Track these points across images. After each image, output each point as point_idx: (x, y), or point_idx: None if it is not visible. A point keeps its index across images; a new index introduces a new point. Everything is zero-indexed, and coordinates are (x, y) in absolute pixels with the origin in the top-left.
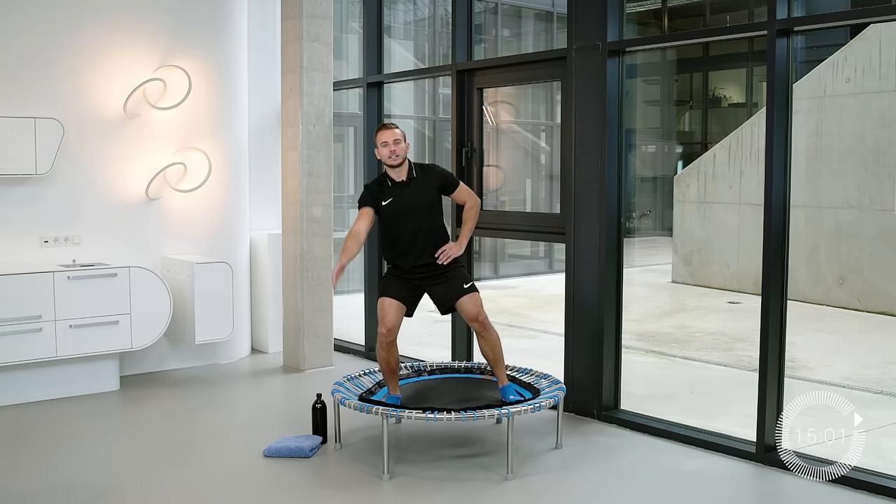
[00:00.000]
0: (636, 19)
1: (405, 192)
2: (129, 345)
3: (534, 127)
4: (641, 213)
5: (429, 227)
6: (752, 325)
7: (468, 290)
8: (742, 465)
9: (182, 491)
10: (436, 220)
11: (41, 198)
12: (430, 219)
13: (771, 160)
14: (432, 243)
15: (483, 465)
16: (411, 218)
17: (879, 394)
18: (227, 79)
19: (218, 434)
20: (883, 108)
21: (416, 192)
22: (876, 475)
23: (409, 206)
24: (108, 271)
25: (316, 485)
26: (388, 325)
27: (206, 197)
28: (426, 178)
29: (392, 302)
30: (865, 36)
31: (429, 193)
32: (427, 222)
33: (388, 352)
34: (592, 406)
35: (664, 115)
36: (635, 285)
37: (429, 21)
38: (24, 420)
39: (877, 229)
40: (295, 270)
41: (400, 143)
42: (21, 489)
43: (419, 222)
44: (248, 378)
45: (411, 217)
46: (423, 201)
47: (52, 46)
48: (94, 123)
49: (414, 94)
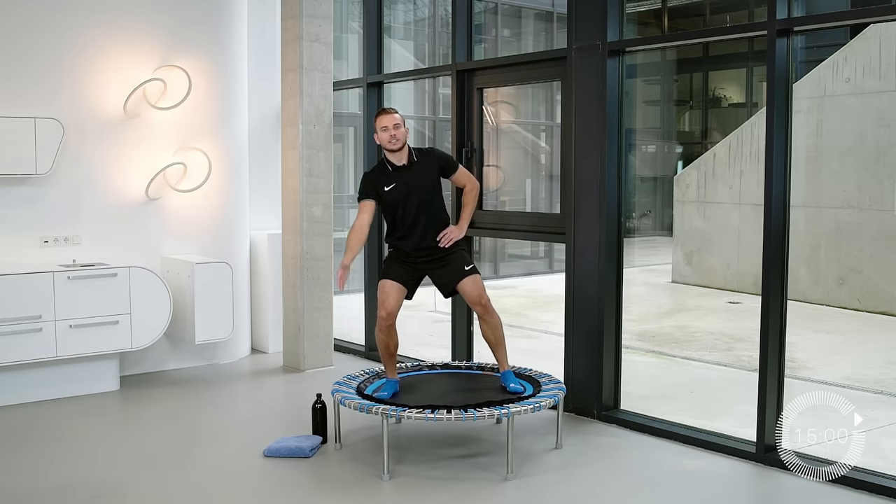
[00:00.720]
0: (636, 19)
1: (406, 176)
2: (129, 345)
3: (534, 127)
4: (641, 212)
5: (430, 210)
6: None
7: (469, 272)
8: (742, 465)
9: (182, 491)
10: (437, 204)
11: (41, 198)
12: (431, 202)
13: (771, 160)
14: (434, 226)
15: (483, 465)
16: (413, 201)
17: (879, 394)
18: (227, 79)
19: (218, 434)
20: (883, 108)
21: (418, 175)
22: (876, 475)
23: (411, 190)
24: (108, 271)
25: (316, 485)
26: (388, 309)
27: (206, 197)
28: (426, 161)
29: (393, 285)
30: (865, 36)
31: (430, 176)
32: (429, 205)
33: (388, 335)
34: (592, 406)
35: (664, 115)
36: (635, 285)
37: (429, 21)
38: (24, 420)
39: (877, 229)
40: (295, 270)
41: (400, 127)
42: (21, 489)
43: (421, 206)
44: (248, 378)
45: (413, 201)
46: (424, 185)
47: (52, 47)
48: (94, 123)
49: (414, 94)
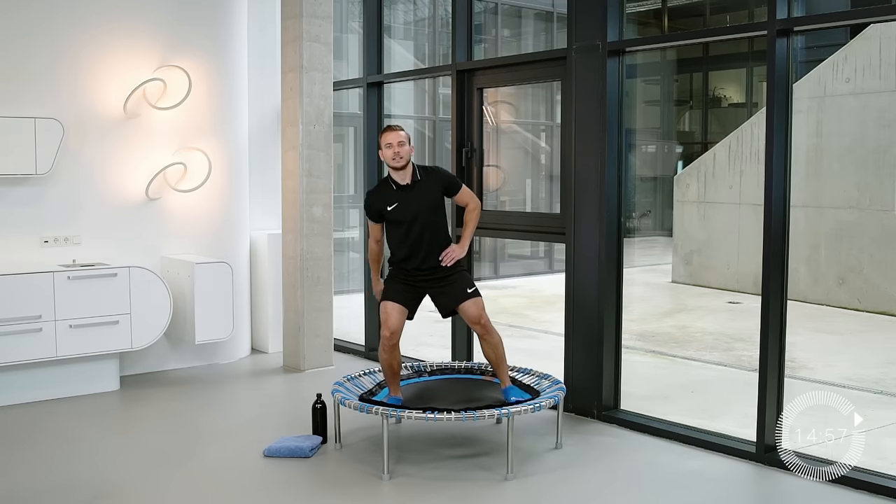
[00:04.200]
0: (636, 19)
1: (410, 195)
2: (129, 345)
3: (534, 127)
4: (641, 213)
5: (433, 229)
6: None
7: (471, 294)
8: (742, 465)
9: (182, 491)
10: (440, 223)
11: (41, 198)
12: (434, 221)
13: (771, 160)
14: (436, 246)
15: (483, 465)
16: (417, 221)
17: (879, 394)
18: (227, 79)
19: (218, 434)
20: (883, 108)
21: (421, 195)
22: (876, 475)
23: (414, 210)
24: (108, 271)
25: (316, 485)
26: (391, 329)
27: (206, 197)
28: (430, 180)
29: (395, 306)
30: (865, 36)
31: (433, 196)
32: (431, 225)
33: (391, 355)
34: (592, 406)
35: (664, 115)
36: (635, 285)
37: (429, 21)
38: (24, 420)
39: (877, 229)
40: (295, 270)
41: (404, 145)
42: (21, 489)
43: (424, 225)
44: (248, 378)
45: (417, 220)
46: (427, 204)
47: (52, 46)
48: (94, 123)
49: (414, 94)
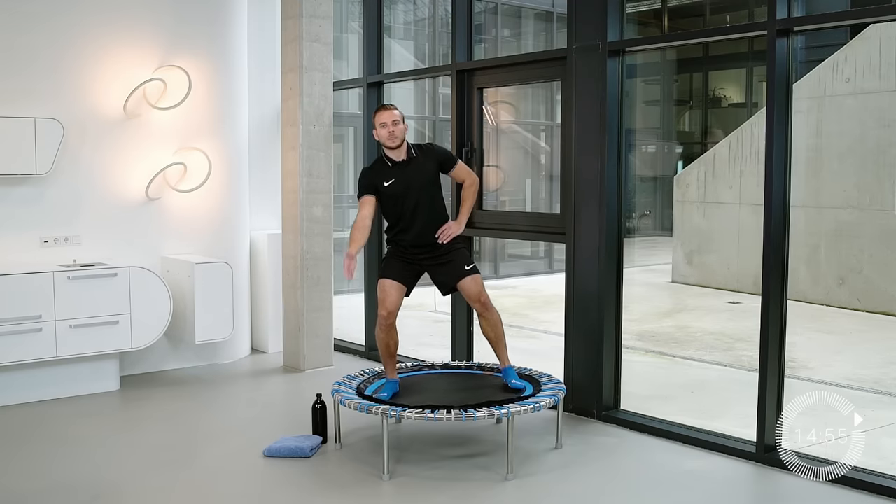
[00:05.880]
0: (636, 19)
1: (406, 171)
2: (129, 345)
3: (534, 127)
4: (642, 212)
5: (429, 205)
6: (752, 325)
7: (470, 271)
8: (742, 465)
9: (182, 491)
10: (436, 199)
11: (41, 198)
12: (430, 197)
13: (771, 160)
14: (433, 222)
15: (483, 465)
16: (412, 197)
17: (879, 394)
18: (227, 79)
19: (218, 434)
20: (883, 108)
21: (417, 170)
22: (876, 475)
23: (410, 186)
24: (108, 271)
25: (316, 485)
26: (388, 308)
27: (206, 197)
28: (425, 156)
29: (393, 283)
30: (865, 36)
31: (429, 172)
32: (428, 201)
33: (388, 334)
34: (592, 406)
35: (664, 115)
36: (635, 285)
37: (429, 21)
38: (24, 420)
39: (877, 229)
40: (295, 270)
41: (399, 123)
42: (21, 489)
43: (420, 201)
44: (248, 378)
45: (412, 196)
46: (423, 180)
47: (52, 46)
48: (94, 123)
49: (414, 94)
